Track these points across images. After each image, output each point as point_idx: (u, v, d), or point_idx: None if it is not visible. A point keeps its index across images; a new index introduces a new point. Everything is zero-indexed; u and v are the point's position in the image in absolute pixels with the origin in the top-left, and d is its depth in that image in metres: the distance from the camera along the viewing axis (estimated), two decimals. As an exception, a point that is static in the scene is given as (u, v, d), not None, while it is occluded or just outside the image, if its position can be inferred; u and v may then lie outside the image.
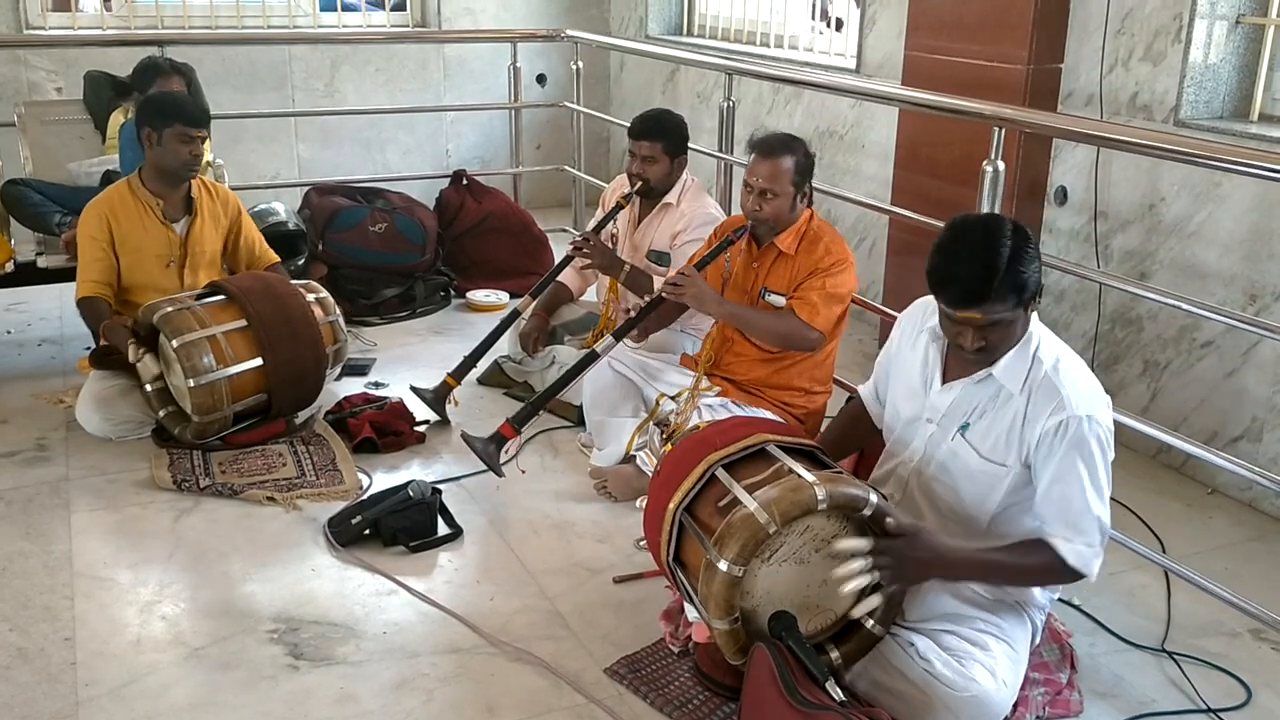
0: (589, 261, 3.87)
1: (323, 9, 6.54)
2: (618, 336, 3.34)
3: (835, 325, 3.21)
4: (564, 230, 5.82)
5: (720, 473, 2.25)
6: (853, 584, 2.11)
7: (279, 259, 4.02)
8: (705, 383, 3.32)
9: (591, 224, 4.07)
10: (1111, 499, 3.22)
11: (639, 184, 3.82)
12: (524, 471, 3.38)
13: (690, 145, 3.90)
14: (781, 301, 3.19)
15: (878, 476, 2.46)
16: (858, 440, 2.61)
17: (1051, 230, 4.04)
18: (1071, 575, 2.17)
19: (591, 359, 3.33)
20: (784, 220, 3.18)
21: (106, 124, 4.62)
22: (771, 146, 3.16)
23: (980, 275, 2.07)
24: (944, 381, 2.30)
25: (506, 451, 3.28)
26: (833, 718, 1.96)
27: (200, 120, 3.65)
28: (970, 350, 2.16)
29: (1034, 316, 2.22)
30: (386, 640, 2.61)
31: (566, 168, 6.14)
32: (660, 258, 3.82)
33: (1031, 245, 2.12)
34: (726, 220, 3.56)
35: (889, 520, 2.14)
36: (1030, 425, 2.16)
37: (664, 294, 3.24)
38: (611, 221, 4.01)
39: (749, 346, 3.29)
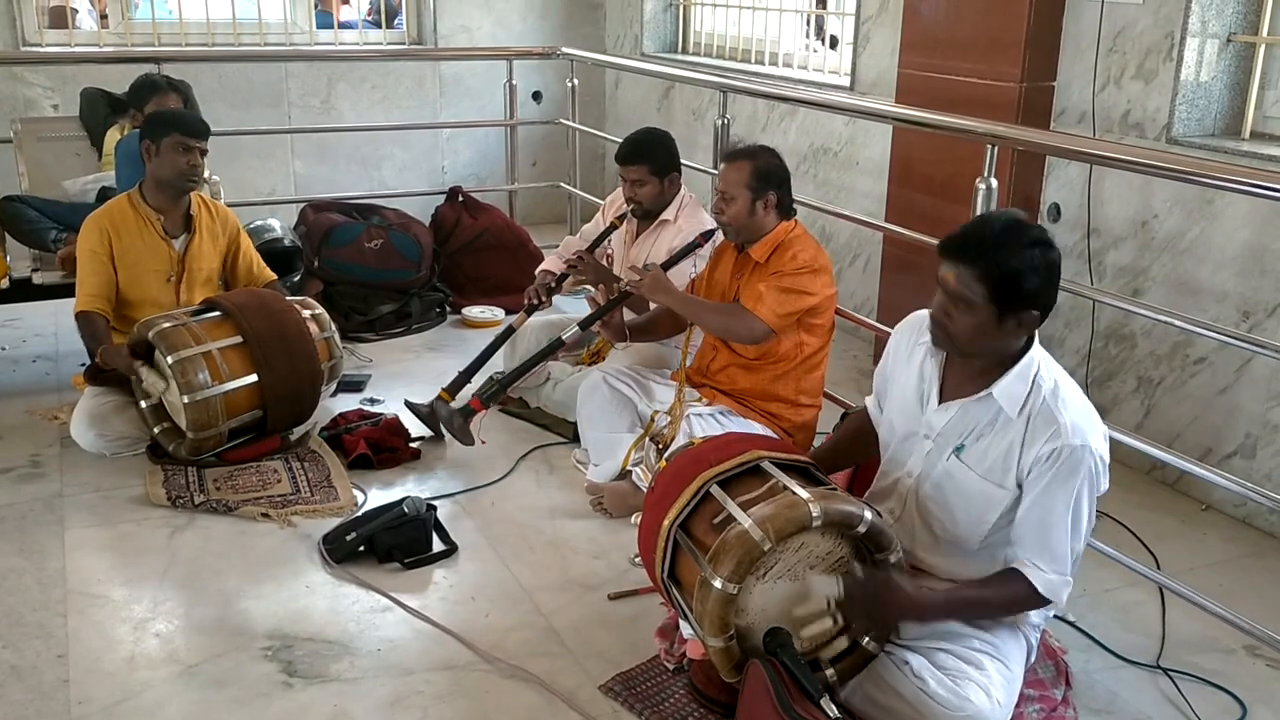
0: (583, 279, 3.88)
1: (319, 26, 6.56)
2: (583, 326, 3.50)
3: (800, 327, 3.19)
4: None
5: (715, 489, 2.25)
6: (815, 627, 2.17)
7: (276, 277, 4.03)
8: (695, 394, 3.33)
9: (585, 241, 4.08)
10: (1106, 515, 3.27)
11: (634, 207, 3.84)
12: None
13: (685, 163, 3.91)
14: None
15: (877, 490, 2.46)
16: (858, 452, 2.60)
17: (1045, 247, 4.05)
18: (1041, 603, 2.19)
19: (557, 345, 3.54)
20: (745, 224, 3.20)
21: (103, 141, 4.63)
22: (733, 154, 3.27)
23: (974, 233, 2.11)
24: (941, 399, 2.30)
25: (472, 423, 3.48)
26: (827, 735, 1.96)
27: (198, 131, 3.66)
28: (934, 321, 2.17)
29: (1035, 340, 2.21)
30: (381, 657, 2.60)
31: (562, 184, 6.16)
32: (656, 271, 3.84)
33: (1041, 259, 2.09)
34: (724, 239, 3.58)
35: (856, 567, 2.16)
36: (1027, 450, 2.15)
37: (627, 286, 3.37)
38: (606, 240, 4.02)
39: (731, 355, 3.30)
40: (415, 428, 3.77)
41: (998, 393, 2.19)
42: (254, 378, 3.47)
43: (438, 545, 3.08)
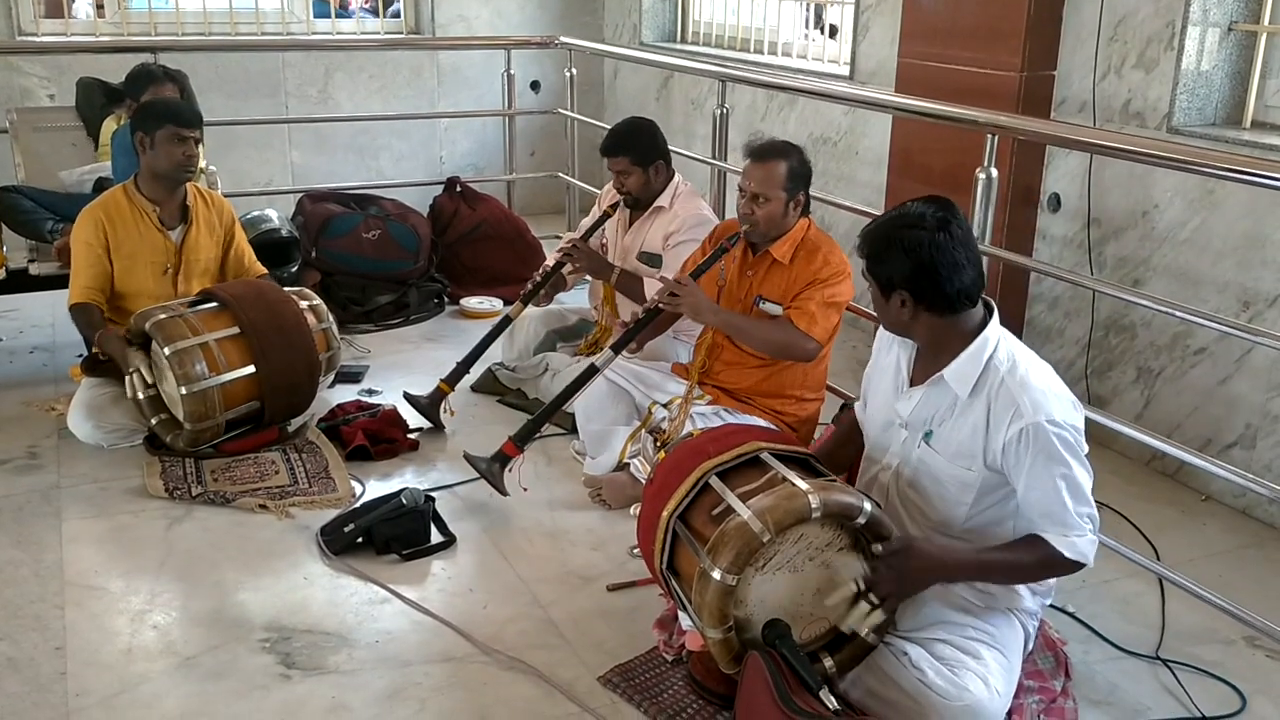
0: (578, 267, 3.86)
1: (316, 15, 6.54)
2: (616, 349, 3.33)
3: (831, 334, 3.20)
4: (557, 237, 5.80)
5: (714, 481, 2.24)
6: (857, 618, 2.16)
7: (265, 271, 4.00)
8: (697, 391, 3.32)
9: (580, 230, 4.07)
10: (1106, 505, 3.26)
11: (625, 196, 3.83)
12: (526, 489, 3.32)
13: (683, 152, 3.90)
14: (776, 309, 3.18)
15: (862, 484, 2.46)
16: (852, 452, 2.60)
17: (1045, 237, 4.05)
18: (1070, 566, 2.18)
19: (591, 373, 3.32)
20: (776, 226, 3.17)
21: (99, 131, 4.61)
22: (764, 151, 3.16)
23: (869, 224, 2.29)
24: (910, 386, 2.31)
25: (509, 470, 3.26)
26: (826, 727, 1.96)
27: (191, 120, 3.63)
28: None
29: (993, 320, 2.22)
30: (379, 649, 2.60)
31: (560, 174, 6.15)
32: (651, 259, 3.81)
33: (899, 240, 2.17)
34: (720, 225, 3.55)
35: (875, 546, 2.14)
36: (993, 434, 2.16)
37: (660, 304, 3.24)
38: (601, 228, 4.01)
39: (741, 354, 3.29)
40: (414, 419, 3.76)
41: (948, 375, 2.21)
42: (251, 369, 3.46)
43: (436, 537, 3.07)
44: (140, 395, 3.45)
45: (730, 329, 3.25)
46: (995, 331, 2.21)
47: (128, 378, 3.45)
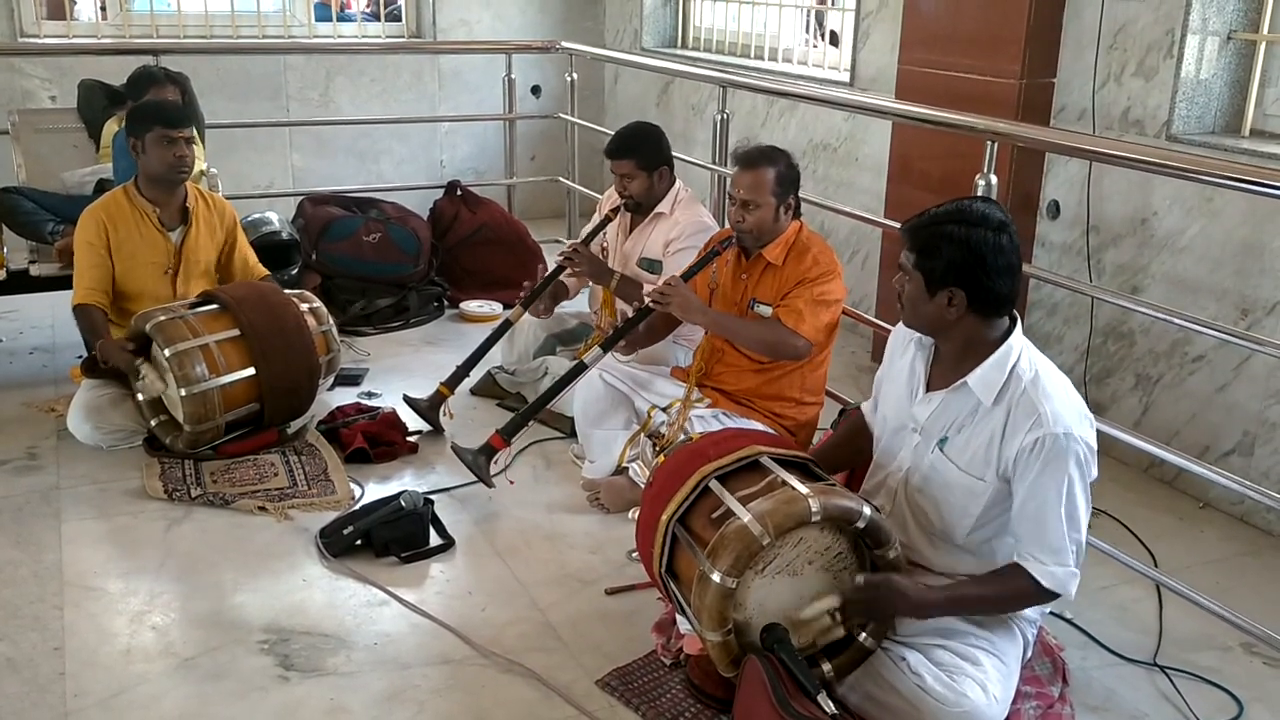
0: (579, 271, 3.86)
1: (318, 19, 6.55)
2: (606, 348, 3.35)
3: (825, 335, 3.20)
4: (558, 241, 5.82)
5: (714, 484, 2.25)
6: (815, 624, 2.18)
7: (268, 273, 4.01)
8: (696, 394, 3.32)
9: (582, 235, 4.08)
10: (1104, 512, 3.27)
11: (627, 200, 3.84)
12: (513, 483, 3.36)
13: (683, 157, 3.90)
14: (768, 311, 3.19)
15: (869, 488, 2.46)
16: (854, 454, 2.60)
17: (1044, 244, 4.06)
18: (1048, 596, 2.18)
19: (580, 370, 3.33)
20: (768, 231, 3.18)
21: (100, 133, 4.61)
22: (752, 158, 3.17)
23: (924, 212, 2.21)
24: (927, 391, 2.31)
25: (496, 462, 3.28)
26: (824, 731, 1.96)
27: (179, 121, 3.63)
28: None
29: (1017, 329, 2.22)
30: (377, 651, 2.60)
31: (561, 179, 6.15)
32: (651, 265, 3.82)
33: (962, 235, 2.12)
34: (716, 233, 3.57)
35: (859, 577, 2.16)
36: (1009, 441, 2.15)
37: (650, 303, 3.25)
38: (601, 233, 4.01)
39: (739, 357, 3.29)
40: (413, 422, 3.76)
41: (972, 381, 2.20)
42: (251, 371, 3.46)
43: (435, 540, 3.07)
44: (142, 396, 3.46)
45: (719, 328, 3.25)
46: (1019, 340, 2.21)
47: (133, 378, 3.45)
